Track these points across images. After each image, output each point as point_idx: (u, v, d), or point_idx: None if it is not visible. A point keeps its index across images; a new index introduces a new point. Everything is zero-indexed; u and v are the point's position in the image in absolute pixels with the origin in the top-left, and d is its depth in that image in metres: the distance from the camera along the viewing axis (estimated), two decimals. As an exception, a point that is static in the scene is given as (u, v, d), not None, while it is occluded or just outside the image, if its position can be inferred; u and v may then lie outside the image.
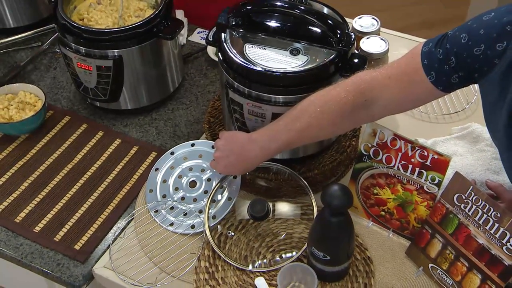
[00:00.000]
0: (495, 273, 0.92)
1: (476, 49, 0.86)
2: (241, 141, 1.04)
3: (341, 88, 0.98)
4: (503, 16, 0.84)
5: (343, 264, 1.00)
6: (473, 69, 0.88)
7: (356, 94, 0.96)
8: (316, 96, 0.99)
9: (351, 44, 1.04)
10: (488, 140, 1.21)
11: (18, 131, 1.29)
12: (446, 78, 0.91)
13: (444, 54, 0.89)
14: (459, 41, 0.87)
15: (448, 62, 0.89)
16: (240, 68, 1.04)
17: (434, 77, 0.91)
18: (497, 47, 0.84)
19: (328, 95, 0.98)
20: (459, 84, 0.92)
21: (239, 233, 1.10)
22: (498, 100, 0.89)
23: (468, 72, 0.89)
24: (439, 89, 0.92)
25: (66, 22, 1.21)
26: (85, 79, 1.26)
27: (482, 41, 0.85)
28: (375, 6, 2.89)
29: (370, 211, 1.12)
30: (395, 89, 0.95)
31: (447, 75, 0.90)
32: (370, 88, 0.96)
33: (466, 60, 0.87)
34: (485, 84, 0.90)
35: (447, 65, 0.89)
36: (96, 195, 1.18)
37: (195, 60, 1.49)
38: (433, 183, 1.02)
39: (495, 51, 0.84)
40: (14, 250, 1.10)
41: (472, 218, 0.94)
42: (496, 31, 0.84)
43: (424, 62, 0.91)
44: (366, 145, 1.07)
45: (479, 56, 0.86)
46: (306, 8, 1.08)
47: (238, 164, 1.05)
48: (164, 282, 1.03)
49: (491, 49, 0.85)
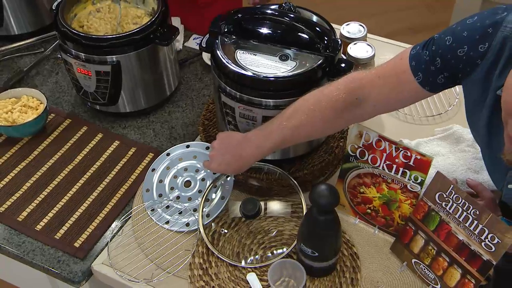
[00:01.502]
0: (474, 267, 0.92)
1: (460, 50, 0.86)
2: (237, 140, 1.03)
3: (334, 86, 0.98)
4: (486, 19, 0.84)
5: (330, 260, 1.00)
6: (457, 69, 0.88)
7: (347, 92, 0.96)
8: (309, 95, 0.99)
9: (337, 50, 1.04)
10: (469, 141, 1.21)
11: (21, 133, 1.28)
12: (433, 79, 0.91)
13: (431, 56, 0.90)
14: (444, 43, 0.88)
15: (434, 63, 0.89)
16: (231, 73, 1.03)
17: (421, 78, 0.91)
18: (479, 48, 0.84)
19: (321, 94, 0.98)
20: (444, 84, 0.92)
21: (232, 230, 1.10)
22: (480, 99, 0.89)
23: (452, 73, 0.89)
24: (426, 89, 0.92)
25: (66, 29, 1.21)
26: (85, 84, 1.26)
27: (465, 42, 0.85)
28: (363, 13, 2.89)
29: (357, 209, 1.11)
30: (385, 88, 0.95)
31: (433, 75, 0.90)
32: (361, 87, 0.96)
33: (451, 61, 0.88)
34: (468, 84, 0.90)
35: (433, 66, 0.90)
36: (95, 194, 1.17)
37: (191, 65, 1.48)
38: (416, 182, 1.02)
39: (477, 52, 0.85)
40: (17, 248, 1.09)
41: (453, 216, 0.94)
42: (478, 33, 0.84)
43: (412, 63, 0.92)
44: (353, 146, 1.07)
45: (463, 57, 0.86)
46: (295, 16, 1.08)
47: (233, 163, 1.04)
48: (160, 278, 1.03)
49: (473, 50, 0.85)
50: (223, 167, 1.05)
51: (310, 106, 0.97)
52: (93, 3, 1.34)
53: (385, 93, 0.95)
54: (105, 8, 1.35)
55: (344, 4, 3.06)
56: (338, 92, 0.96)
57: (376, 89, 0.95)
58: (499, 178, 0.95)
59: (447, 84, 0.92)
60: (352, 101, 0.96)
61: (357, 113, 0.98)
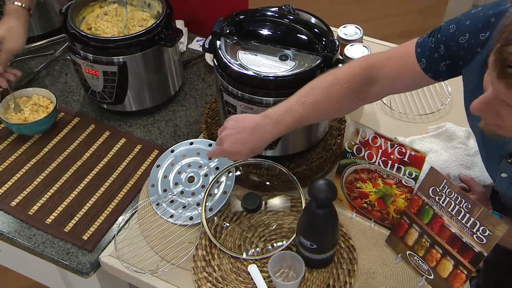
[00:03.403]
0: (466, 259, 0.91)
1: (462, 38, 0.85)
2: (255, 118, 0.97)
3: (349, 66, 0.97)
4: (489, 9, 0.84)
5: (328, 252, 0.99)
6: (458, 56, 0.88)
7: (361, 70, 0.95)
8: (326, 74, 0.97)
9: (335, 51, 1.03)
10: (461, 138, 1.20)
11: (32, 131, 1.27)
12: (435, 66, 0.90)
13: (435, 43, 0.89)
14: (448, 31, 0.87)
15: (438, 50, 0.89)
16: (233, 73, 1.02)
17: (425, 63, 0.91)
18: (480, 36, 0.83)
19: (338, 72, 0.97)
20: (446, 72, 0.91)
21: (234, 224, 1.09)
22: (477, 89, 0.88)
23: (453, 60, 0.89)
24: (429, 75, 0.92)
25: (75, 32, 1.20)
26: (93, 84, 1.25)
27: (468, 31, 0.85)
28: (360, 18, 2.88)
29: (353, 203, 1.10)
30: (391, 69, 0.94)
31: (436, 62, 0.90)
32: (373, 66, 0.95)
33: (453, 48, 0.87)
34: (467, 73, 0.89)
35: (436, 53, 0.89)
36: (103, 189, 1.16)
37: (194, 66, 1.47)
38: (410, 178, 1.01)
39: (478, 40, 0.84)
40: (28, 240, 1.09)
41: (446, 209, 0.93)
42: (481, 22, 0.83)
43: (418, 50, 0.91)
44: (350, 143, 1.06)
45: (464, 44, 0.85)
46: (294, 18, 1.07)
47: (249, 141, 0.95)
48: (165, 269, 1.02)
49: (474, 38, 0.84)
50: (238, 147, 0.95)
51: (328, 83, 0.95)
52: (100, 6, 1.34)
53: (392, 74, 0.95)
54: (112, 11, 1.34)
55: (342, 10, 3.05)
56: (354, 70, 0.95)
57: (384, 69, 0.94)
58: (493, 167, 0.94)
59: (448, 72, 0.91)
60: (366, 78, 0.95)
61: (370, 92, 0.97)
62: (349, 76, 0.95)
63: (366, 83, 0.95)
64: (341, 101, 0.96)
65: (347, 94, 0.95)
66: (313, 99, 0.95)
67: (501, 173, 0.90)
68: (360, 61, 0.98)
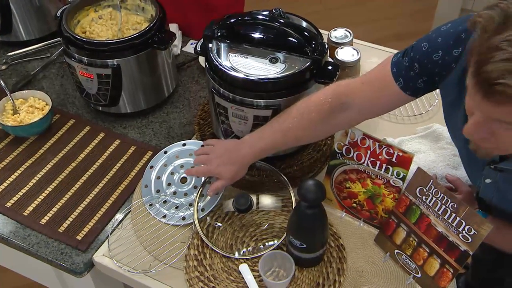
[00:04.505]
0: (452, 257, 0.90)
1: (435, 55, 0.84)
2: (234, 142, 1.02)
3: (321, 93, 0.97)
4: (458, 25, 0.83)
5: (318, 251, 0.98)
6: (434, 73, 0.86)
7: (333, 97, 0.95)
8: (300, 101, 0.98)
9: (324, 53, 1.02)
10: (448, 139, 1.20)
11: (28, 133, 1.26)
12: (413, 84, 0.89)
13: (410, 61, 0.88)
14: (421, 49, 0.86)
15: (413, 68, 0.88)
16: (224, 75, 1.01)
17: (402, 83, 0.89)
18: (453, 52, 0.82)
19: (309, 100, 0.97)
20: (424, 88, 0.90)
21: (226, 224, 1.08)
22: (455, 102, 0.87)
23: (429, 77, 0.88)
24: (407, 93, 0.90)
25: (70, 35, 1.18)
26: (87, 86, 1.23)
27: (440, 48, 0.84)
28: (352, 21, 2.88)
29: (343, 203, 1.10)
30: (368, 93, 0.93)
31: (413, 80, 0.89)
32: (346, 92, 0.94)
33: (427, 65, 0.86)
34: (444, 87, 0.89)
35: (412, 71, 0.88)
36: (97, 190, 1.15)
37: (188, 68, 1.46)
38: (398, 178, 1.00)
39: (452, 56, 0.83)
40: (22, 241, 1.07)
41: (432, 209, 0.92)
42: (452, 39, 0.83)
43: (393, 70, 0.90)
44: (339, 144, 1.05)
45: (438, 61, 0.84)
46: (285, 21, 1.06)
47: (230, 163, 1.01)
48: (157, 269, 1.01)
49: (448, 55, 0.83)
50: (221, 168, 1.01)
51: (299, 110, 0.96)
52: (95, 10, 1.32)
53: (368, 98, 0.94)
54: (106, 15, 1.32)
55: (334, 13, 3.05)
56: (325, 97, 0.95)
57: (360, 95, 0.93)
58: (476, 175, 0.93)
59: (426, 88, 0.90)
60: (338, 106, 0.94)
61: (343, 118, 0.96)
62: (320, 105, 0.95)
63: (339, 110, 0.95)
64: (312, 129, 0.97)
65: (318, 123, 0.96)
66: (284, 127, 0.97)
67: (485, 179, 0.89)
68: (332, 88, 0.97)
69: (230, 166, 1.01)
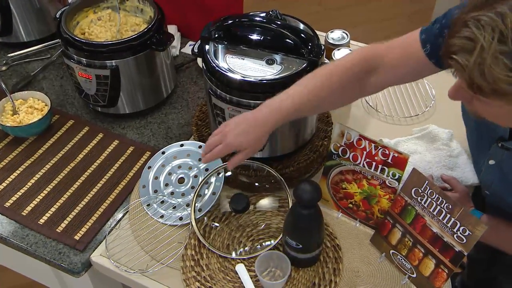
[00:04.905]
0: (447, 258, 0.90)
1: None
2: (250, 111, 0.94)
3: (349, 56, 0.95)
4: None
5: (314, 251, 0.98)
6: None
7: (361, 60, 0.93)
8: (327, 65, 0.95)
9: (320, 54, 1.02)
10: (444, 140, 1.19)
11: (27, 133, 1.26)
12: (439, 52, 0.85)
13: (440, 28, 0.85)
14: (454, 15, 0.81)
15: (442, 35, 0.84)
16: (221, 77, 1.01)
17: (429, 49, 0.87)
18: None
19: (337, 62, 0.95)
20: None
21: (223, 224, 1.07)
22: None
23: None
24: (432, 62, 0.88)
25: (68, 36, 1.18)
26: (86, 87, 1.23)
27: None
28: (350, 22, 2.88)
29: (339, 204, 1.09)
30: (394, 56, 0.91)
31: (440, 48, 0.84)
32: (373, 56, 0.92)
33: None
34: None
35: (441, 37, 0.84)
36: (95, 190, 1.15)
37: (187, 69, 1.46)
38: (394, 179, 0.99)
39: None
40: (21, 240, 1.07)
41: (427, 210, 0.92)
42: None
43: (422, 36, 0.88)
44: (335, 145, 1.05)
45: None
46: (281, 23, 1.05)
47: (250, 131, 0.91)
48: (154, 269, 1.00)
49: None
50: (241, 138, 0.91)
51: (328, 71, 0.93)
52: (94, 11, 1.32)
53: (395, 63, 0.91)
54: (105, 17, 1.32)
55: (334, 14, 3.05)
56: (353, 60, 0.93)
57: (387, 58, 0.91)
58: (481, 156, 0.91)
59: None
60: (365, 68, 0.92)
61: (370, 82, 0.93)
62: (349, 65, 0.92)
63: (366, 72, 0.92)
64: (339, 91, 0.93)
65: (346, 83, 0.92)
66: (311, 86, 0.91)
67: (489, 160, 0.88)
68: (362, 50, 0.94)
69: (251, 134, 0.91)
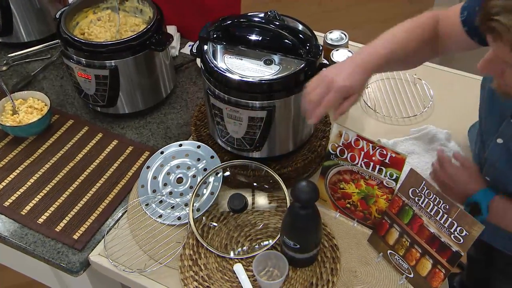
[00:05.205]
0: (444, 258, 0.90)
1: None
2: (350, 57, 0.95)
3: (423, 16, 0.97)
4: None
5: (311, 251, 0.97)
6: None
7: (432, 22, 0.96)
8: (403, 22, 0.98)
9: (318, 55, 1.01)
10: (442, 140, 1.19)
11: (26, 133, 1.26)
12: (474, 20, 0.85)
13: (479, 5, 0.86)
14: None
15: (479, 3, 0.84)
16: (219, 77, 1.00)
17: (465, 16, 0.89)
18: None
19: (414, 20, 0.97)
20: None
21: (221, 224, 1.07)
22: None
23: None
24: (465, 29, 0.90)
25: (68, 37, 1.18)
26: (85, 87, 1.23)
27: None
28: (349, 23, 2.88)
29: (337, 204, 1.09)
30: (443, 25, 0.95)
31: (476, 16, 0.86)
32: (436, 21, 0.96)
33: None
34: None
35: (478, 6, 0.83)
36: (94, 190, 1.15)
37: (186, 69, 1.46)
38: (391, 179, 0.99)
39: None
40: (20, 240, 1.07)
41: (425, 210, 0.91)
42: None
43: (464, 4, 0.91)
44: (333, 145, 1.05)
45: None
46: (279, 24, 1.05)
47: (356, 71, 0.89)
48: (153, 268, 1.00)
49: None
50: (351, 79, 0.88)
51: (410, 24, 0.96)
52: (94, 12, 1.32)
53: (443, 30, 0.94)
54: (105, 17, 1.32)
55: (333, 15, 3.05)
56: (427, 21, 0.96)
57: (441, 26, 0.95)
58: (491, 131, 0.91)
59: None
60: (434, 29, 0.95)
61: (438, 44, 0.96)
62: (425, 24, 0.96)
63: (435, 33, 0.95)
64: (421, 45, 0.95)
65: (427, 38, 0.95)
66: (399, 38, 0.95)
67: (497, 139, 0.87)
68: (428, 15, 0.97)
69: (357, 75, 0.89)
